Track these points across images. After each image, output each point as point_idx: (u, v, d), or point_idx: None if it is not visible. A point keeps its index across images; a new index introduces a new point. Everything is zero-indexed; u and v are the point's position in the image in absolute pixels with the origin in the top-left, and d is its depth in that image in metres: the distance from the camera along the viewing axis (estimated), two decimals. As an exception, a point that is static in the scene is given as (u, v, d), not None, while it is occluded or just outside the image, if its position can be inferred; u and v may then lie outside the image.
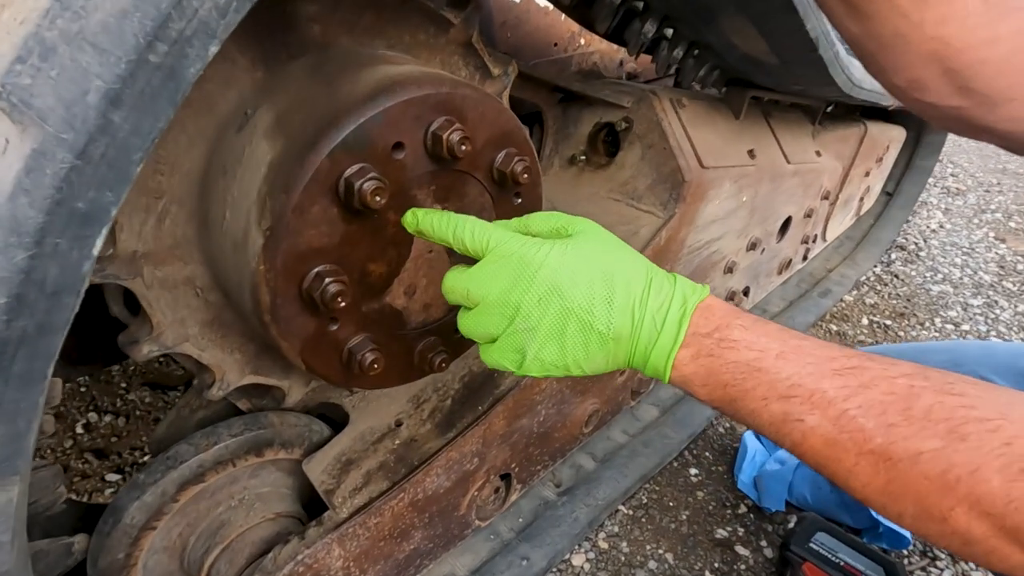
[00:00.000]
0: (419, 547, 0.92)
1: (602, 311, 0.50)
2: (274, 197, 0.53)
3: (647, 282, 0.52)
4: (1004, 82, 0.55)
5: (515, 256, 0.51)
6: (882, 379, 0.45)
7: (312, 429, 0.86)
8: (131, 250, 0.59)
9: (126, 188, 0.30)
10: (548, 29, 1.47)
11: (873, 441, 0.43)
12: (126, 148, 0.29)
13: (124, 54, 0.27)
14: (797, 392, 0.46)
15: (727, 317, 0.50)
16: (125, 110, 0.28)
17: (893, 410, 0.43)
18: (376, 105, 0.54)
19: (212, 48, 0.30)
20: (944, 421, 0.41)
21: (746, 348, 0.48)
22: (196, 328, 0.69)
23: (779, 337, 0.49)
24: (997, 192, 3.11)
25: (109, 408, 1.43)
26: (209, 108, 0.59)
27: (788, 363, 0.47)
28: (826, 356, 0.47)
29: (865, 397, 0.44)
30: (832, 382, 0.45)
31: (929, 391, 0.43)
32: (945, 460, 0.41)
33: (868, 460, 0.44)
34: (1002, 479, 0.39)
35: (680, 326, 0.50)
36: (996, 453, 0.39)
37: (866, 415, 0.44)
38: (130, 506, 0.72)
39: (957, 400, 0.42)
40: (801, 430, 0.46)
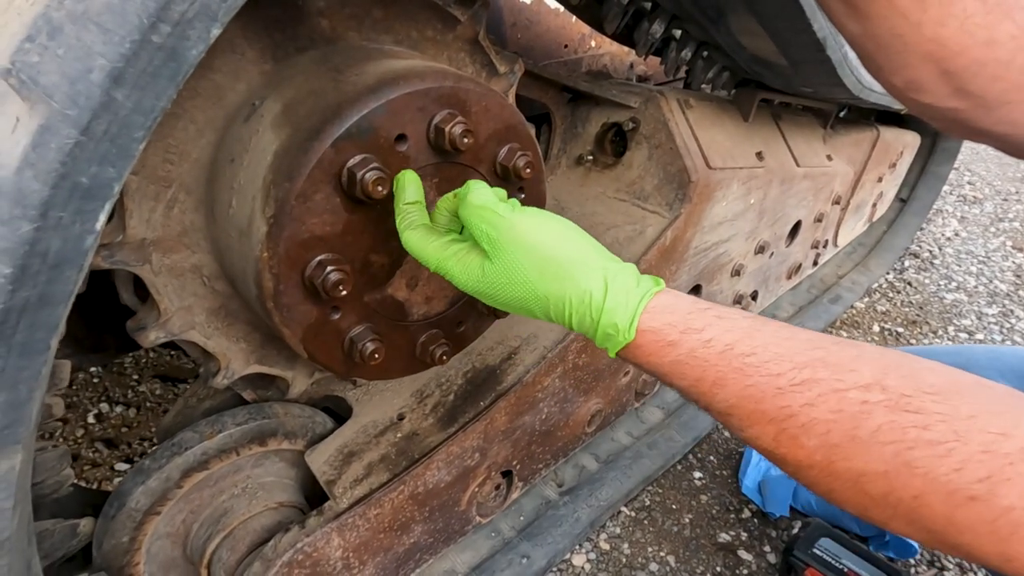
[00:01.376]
0: (419, 541, 0.92)
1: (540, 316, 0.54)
2: (278, 185, 0.54)
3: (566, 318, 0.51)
4: (1001, 85, 0.54)
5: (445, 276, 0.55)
6: (831, 394, 0.43)
7: (316, 421, 0.87)
8: (140, 237, 0.60)
9: (128, 164, 0.31)
10: (559, 31, 1.48)
11: (813, 457, 0.43)
12: (128, 125, 0.30)
13: (127, 34, 0.28)
14: (736, 412, 0.47)
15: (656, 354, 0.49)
16: (127, 88, 0.29)
17: (838, 430, 0.42)
18: (380, 97, 0.55)
19: (214, 30, 0.31)
20: (891, 444, 0.40)
21: (679, 378, 0.49)
22: (202, 316, 0.70)
23: (719, 362, 0.47)
24: (1016, 201, 3.06)
25: (120, 399, 1.45)
26: (218, 99, 0.60)
27: (725, 389, 0.46)
28: (772, 373, 0.45)
29: (808, 416, 0.43)
30: (774, 402, 0.44)
31: (882, 408, 0.41)
32: (887, 484, 0.40)
33: (808, 472, 0.44)
34: (945, 506, 0.38)
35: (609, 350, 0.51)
36: (942, 481, 0.38)
37: (807, 434, 0.43)
38: (135, 491, 0.73)
39: (910, 419, 0.40)
40: (745, 435, 0.47)
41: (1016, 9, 0.52)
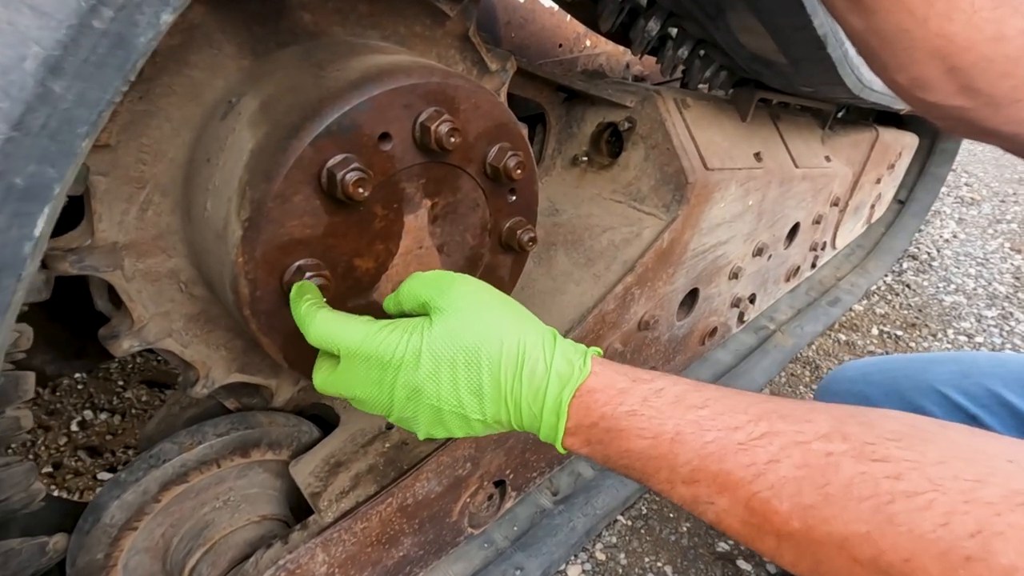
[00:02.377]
0: (409, 554, 0.89)
1: (472, 404, 0.47)
2: (254, 186, 0.51)
3: (517, 365, 0.47)
4: (1010, 82, 0.52)
5: (372, 359, 0.48)
6: (794, 447, 0.40)
7: (301, 430, 0.84)
8: (111, 241, 0.57)
9: (72, 163, 0.29)
10: (554, 30, 1.46)
11: (790, 524, 0.39)
12: (70, 120, 0.27)
13: (65, 18, 0.25)
14: (699, 476, 0.42)
15: (611, 403, 0.45)
16: (67, 79, 0.26)
17: (809, 487, 0.38)
18: (362, 93, 0.52)
19: (165, 16, 0.28)
20: (868, 499, 0.36)
21: (637, 436, 0.44)
22: (180, 323, 0.67)
23: (673, 413, 0.44)
24: (1013, 202, 3.05)
25: (105, 406, 1.42)
26: (194, 95, 0.57)
27: (685, 446, 0.43)
28: (728, 426, 0.42)
29: (776, 475, 0.39)
30: (737, 460, 0.41)
31: (848, 458, 0.38)
32: (874, 546, 0.36)
33: (790, 543, 0.39)
34: (941, 568, 0.34)
35: (559, 418, 0.46)
36: (931, 539, 0.34)
37: (779, 496, 0.39)
38: (110, 505, 0.70)
39: (880, 468, 0.37)
40: (715, 511, 0.42)
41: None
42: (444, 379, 0.47)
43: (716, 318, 1.41)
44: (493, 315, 0.49)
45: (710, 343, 1.45)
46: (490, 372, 0.47)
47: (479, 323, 0.48)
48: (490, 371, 0.47)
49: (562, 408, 0.46)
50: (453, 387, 0.47)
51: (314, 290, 0.54)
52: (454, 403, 0.47)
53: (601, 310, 0.98)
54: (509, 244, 0.72)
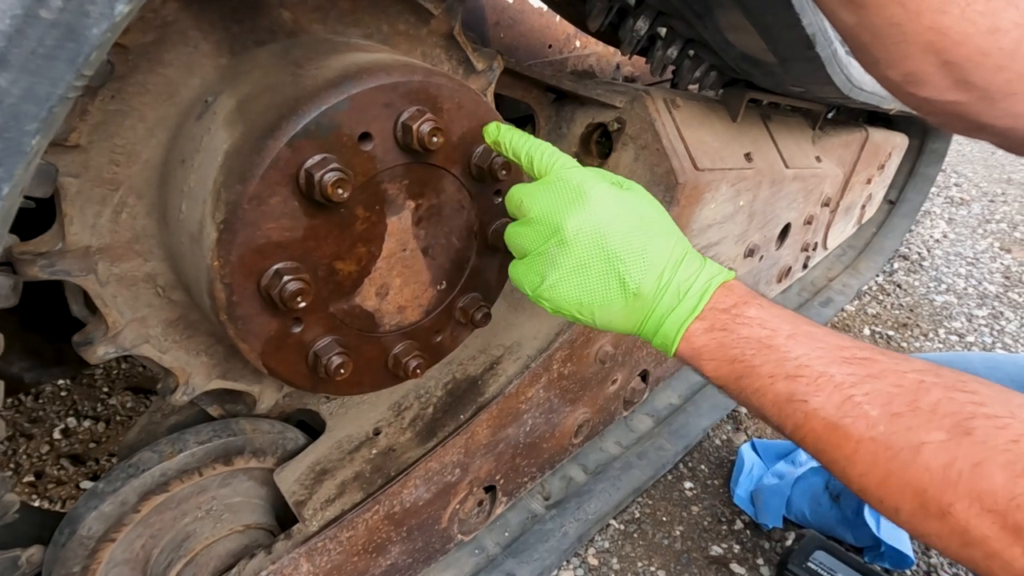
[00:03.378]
0: (397, 562, 0.87)
1: (633, 261, 0.51)
2: (229, 188, 0.49)
3: (683, 253, 0.53)
4: (1005, 76, 0.51)
5: (572, 182, 0.53)
6: (892, 372, 0.44)
7: (286, 437, 0.83)
8: (83, 244, 0.56)
9: (20, 162, 0.27)
10: (543, 30, 1.45)
11: (876, 428, 0.42)
12: (16, 116, 0.26)
13: (7, 8, 0.23)
14: (804, 372, 0.46)
15: (746, 296, 0.51)
16: (13, 72, 0.25)
17: (899, 401, 0.42)
18: (341, 91, 0.51)
19: (120, 6, 0.27)
20: (951, 415, 0.40)
21: (759, 326, 0.49)
22: (158, 328, 0.65)
23: (793, 320, 0.49)
24: (1002, 202, 3.07)
25: (89, 413, 1.39)
26: (169, 95, 0.56)
27: (799, 344, 0.47)
28: (837, 344, 0.47)
29: (872, 386, 0.44)
30: (840, 368, 0.45)
31: (939, 387, 0.42)
32: (948, 453, 0.39)
33: (868, 448, 0.42)
34: (1006, 475, 0.37)
35: (701, 299, 0.51)
36: (1001, 449, 0.38)
37: (872, 402, 0.43)
38: (87, 516, 0.69)
39: (967, 397, 0.41)
40: (804, 411, 0.45)
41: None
42: (621, 227, 0.51)
43: (708, 319, 1.40)
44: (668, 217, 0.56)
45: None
46: (661, 246, 0.52)
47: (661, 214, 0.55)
48: (661, 245, 0.52)
49: (709, 289, 0.51)
50: (625, 238, 0.51)
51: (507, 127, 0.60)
52: (617, 251, 0.51)
53: (591, 312, 0.97)
54: (496, 246, 0.71)
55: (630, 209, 0.52)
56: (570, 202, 0.52)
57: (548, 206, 0.52)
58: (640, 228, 0.52)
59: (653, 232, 0.52)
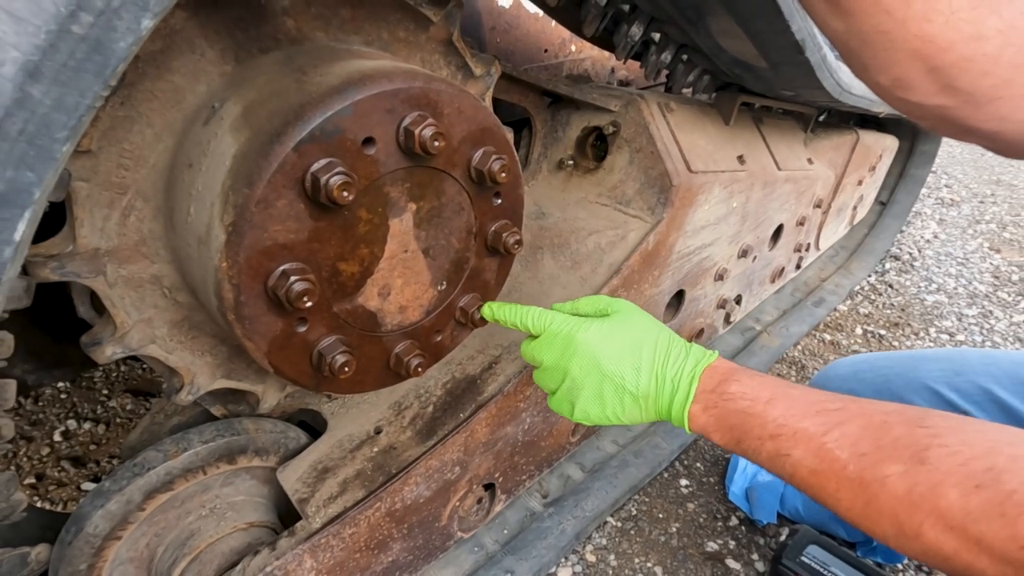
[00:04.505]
0: (398, 559, 0.89)
1: (631, 376, 0.62)
2: (237, 191, 0.51)
3: (667, 352, 0.63)
4: (989, 81, 0.53)
5: (562, 335, 0.65)
6: (859, 415, 0.51)
7: (288, 436, 0.84)
8: (92, 247, 0.57)
9: (51, 168, 0.28)
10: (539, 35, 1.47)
11: (847, 469, 0.48)
12: (48, 125, 0.27)
13: (43, 24, 0.25)
14: (783, 431, 0.54)
15: (727, 374, 0.60)
16: (46, 84, 0.26)
17: (865, 441, 0.49)
18: (345, 98, 0.53)
19: (145, 21, 0.28)
20: (909, 447, 0.46)
21: (741, 398, 0.58)
22: (164, 329, 0.66)
23: (770, 387, 0.58)
24: (991, 203, 3.11)
25: (89, 415, 1.40)
26: (176, 101, 0.57)
27: (775, 407, 0.55)
28: (810, 400, 0.54)
29: (841, 431, 0.50)
30: (813, 420, 0.52)
31: (901, 424, 0.48)
32: (909, 480, 0.45)
33: (847, 486, 0.49)
34: (959, 492, 0.42)
35: (691, 385, 0.61)
36: (953, 471, 0.43)
37: (841, 447, 0.49)
38: (93, 515, 0.70)
39: (924, 431, 0.47)
40: (791, 463, 0.53)
41: (1003, 3, 0.51)
42: (614, 355, 0.63)
43: (703, 319, 1.42)
44: (650, 320, 0.67)
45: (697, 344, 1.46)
46: (648, 353, 0.63)
47: (643, 323, 0.66)
48: (648, 353, 0.63)
49: (695, 377, 0.61)
50: (619, 362, 0.63)
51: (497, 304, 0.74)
52: (617, 374, 0.63)
53: (588, 312, 0.99)
54: (495, 247, 0.73)
55: (614, 334, 0.64)
56: (565, 351, 0.64)
57: (552, 357, 0.66)
58: (627, 346, 0.63)
59: (641, 344, 0.63)
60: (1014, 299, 2.20)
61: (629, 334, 0.64)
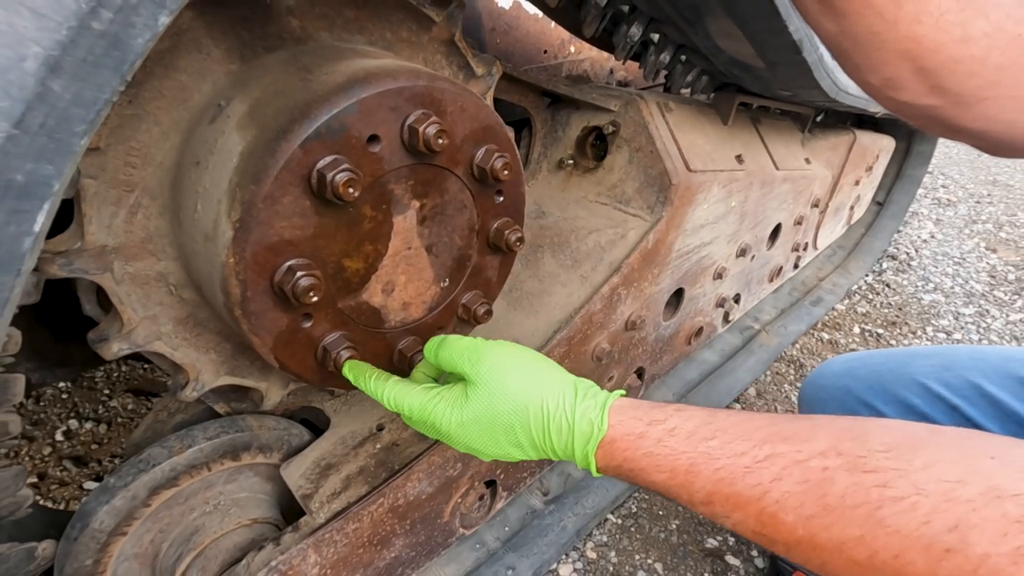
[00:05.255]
0: (400, 555, 0.89)
1: (516, 452, 0.57)
2: (244, 187, 0.52)
3: (544, 427, 0.54)
4: (976, 82, 0.54)
5: (427, 424, 0.59)
6: (794, 465, 0.45)
7: (291, 433, 0.84)
8: (100, 244, 0.58)
9: (69, 161, 0.29)
10: (538, 36, 1.48)
11: (796, 533, 0.44)
12: (67, 119, 0.28)
13: (64, 20, 0.26)
14: (715, 499, 0.48)
15: (630, 448, 0.52)
16: (66, 78, 0.27)
17: (809, 500, 0.43)
18: (350, 96, 0.53)
19: (162, 18, 0.29)
20: (861, 506, 0.41)
21: (656, 471, 0.51)
22: (169, 326, 0.67)
23: (687, 448, 0.50)
24: (988, 203, 3.13)
25: (91, 415, 1.40)
26: (183, 100, 0.58)
27: (699, 476, 0.49)
28: (736, 453, 0.48)
29: (780, 491, 0.45)
30: (745, 482, 0.46)
31: (842, 472, 0.43)
32: (867, 547, 0.41)
33: (797, 549, 0.45)
34: (926, 560, 0.38)
35: (589, 462, 0.54)
36: (916, 536, 0.39)
37: (784, 509, 0.44)
38: (99, 510, 0.70)
39: (871, 479, 0.42)
40: (731, 523, 0.48)
41: (990, 6, 0.52)
42: (488, 440, 0.57)
43: (702, 318, 1.43)
44: (519, 382, 0.56)
45: (696, 343, 1.48)
46: (524, 433, 0.55)
47: (507, 393, 0.55)
48: (524, 432, 0.55)
49: (589, 458, 0.54)
50: (497, 444, 0.56)
51: (363, 364, 0.64)
52: (502, 453, 0.57)
53: (588, 311, 1.00)
54: (496, 244, 0.73)
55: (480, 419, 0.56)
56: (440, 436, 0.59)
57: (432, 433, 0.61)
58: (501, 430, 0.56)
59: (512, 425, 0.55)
60: (1010, 298, 2.21)
61: (494, 414, 0.55)
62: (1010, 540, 0.35)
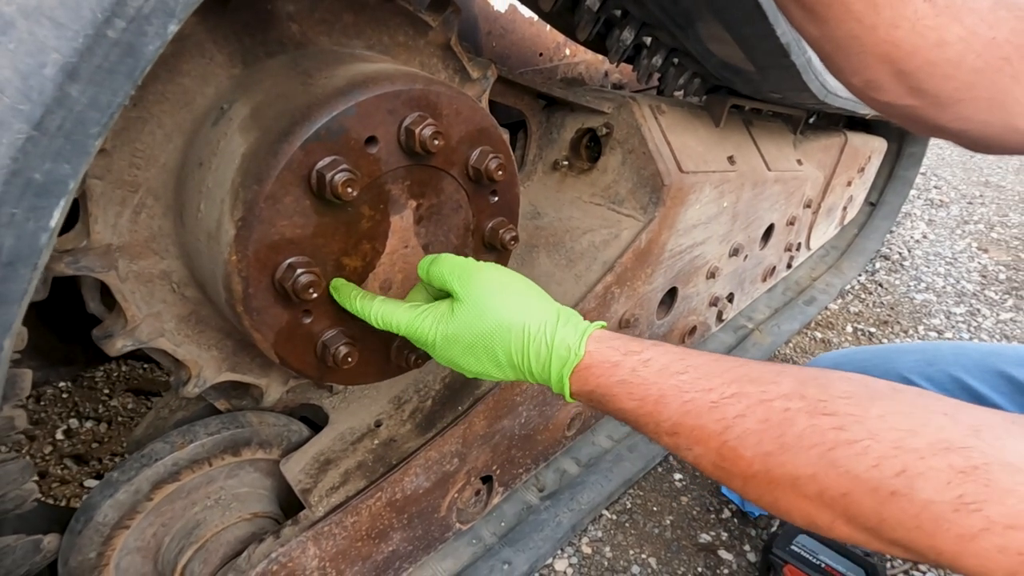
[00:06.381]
0: (398, 549, 0.91)
1: (495, 371, 0.58)
2: (247, 187, 0.53)
3: (524, 348, 0.56)
4: (952, 84, 0.56)
5: (416, 339, 0.60)
6: (758, 405, 0.47)
7: (291, 429, 0.86)
8: (105, 243, 0.59)
9: (84, 161, 0.31)
10: (534, 39, 1.50)
11: (752, 468, 0.46)
12: (83, 121, 0.30)
13: (81, 28, 0.28)
14: (679, 430, 0.50)
15: (604, 375, 0.54)
16: (82, 83, 0.29)
17: (768, 438, 0.45)
18: (349, 99, 0.55)
19: (171, 26, 0.31)
20: (816, 446, 0.43)
21: (627, 398, 0.52)
22: (172, 323, 0.69)
23: (658, 379, 0.51)
24: (979, 204, 3.16)
25: (91, 414, 1.41)
26: (186, 103, 0.60)
27: (667, 407, 0.50)
28: (704, 388, 0.49)
29: (742, 427, 0.47)
30: (710, 415, 0.48)
31: (803, 414, 0.45)
32: (818, 484, 0.43)
33: (752, 483, 0.47)
34: (872, 501, 0.40)
35: (563, 385, 0.55)
36: (864, 478, 0.41)
37: (744, 445, 0.46)
38: (103, 504, 0.71)
39: (828, 421, 0.44)
40: (693, 456, 0.50)
41: (965, 12, 0.54)
42: (468, 356, 0.58)
43: (695, 317, 1.45)
44: (504, 303, 0.57)
45: (690, 341, 1.50)
46: (503, 352, 0.56)
47: (491, 312, 0.57)
48: (503, 351, 0.56)
49: (564, 381, 0.55)
50: (477, 361, 0.58)
51: (348, 284, 0.63)
52: (481, 370, 0.59)
53: (582, 309, 1.02)
54: (492, 243, 0.75)
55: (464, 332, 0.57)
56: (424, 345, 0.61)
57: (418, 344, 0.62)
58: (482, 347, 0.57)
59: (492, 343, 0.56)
60: (1000, 297, 2.24)
61: (476, 331, 0.57)
62: (953, 489, 0.38)
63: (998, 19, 0.54)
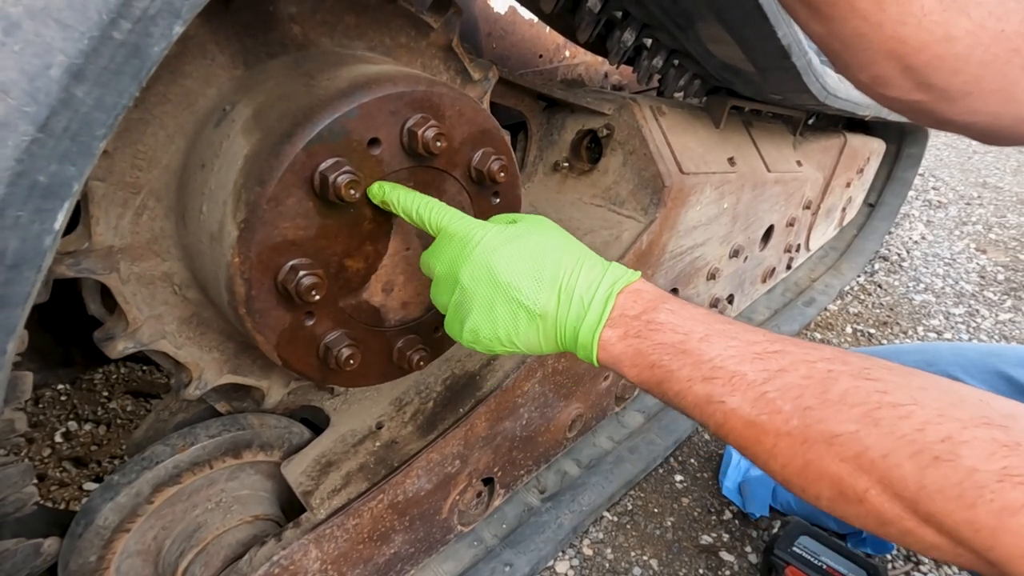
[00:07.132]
0: (400, 551, 0.91)
1: (528, 287, 0.52)
2: (249, 189, 0.53)
3: (577, 263, 0.53)
4: (961, 78, 0.57)
5: (458, 235, 0.55)
6: (802, 363, 0.45)
7: (292, 431, 0.86)
8: (107, 244, 0.59)
9: (89, 163, 0.31)
10: (534, 41, 1.50)
11: (790, 423, 0.44)
12: (89, 123, 0.30)
13: (87, 30, 0.27)
14: (719, 374, 0.47)
15: (655, 300, 0.51)
16: (88, 85, 0.29)
17: (810, 393, 0.44)
18: (352, 100, 0.55)
19: (176, 28, 0.31)
20: (859, 406, 0.42)
21: (671, 331, 0.49)
22: (173, 325, 0.68)
23: (705, 321, 0.50)
24: (978, 205, 3.16)
25: (90, 416, 1.41)
26: (188, 104, 0.60)
27: (711, 346, 0.48)
28: (749, 340, 0.48)
29: (783, 380, 0.45)
30: (753, 365, 0.46)
31: (846, 375, 0.44)
32: (859, 443, 0.41)
33: (785, 442, 0.44)
34: (913, 465, 0.39)
35: (606, 304, 0.51)
36: (908, 439, 0.39)
37: (783, 397, 0.44)
38: (103, 507, 0.71)
39: (872, 385, 0.43)
40: (723, 411, 0.47)
41: (971, 5, 0.54)
42: (511, 261, 0.53)
43: (695, 318, 1.45)
44: (563, 235, 0.57)
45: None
46: (552, 263, 0.53)
47: (555, 233, 0.56)
48: (552, 262, 0.53)
49: (612, 295, 0.51)
50: (516, 269, 0.52)
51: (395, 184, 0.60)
52: (511, 283, 0.52)
53: (583, 310, 1.01)
54: (493, 245, 0.75)
55: (515, 239, 0.54)
56: (458, 256, 0.54)
57: (445, 264, 0.56)
58: (528, 253, 0.53)
59: (543, 252, 0.53)
60: (999, 298, 2.24)
61: (533, 240, 0.54)
62: (998, 460, 0.37)
63: (1007, 11, 0.54)
